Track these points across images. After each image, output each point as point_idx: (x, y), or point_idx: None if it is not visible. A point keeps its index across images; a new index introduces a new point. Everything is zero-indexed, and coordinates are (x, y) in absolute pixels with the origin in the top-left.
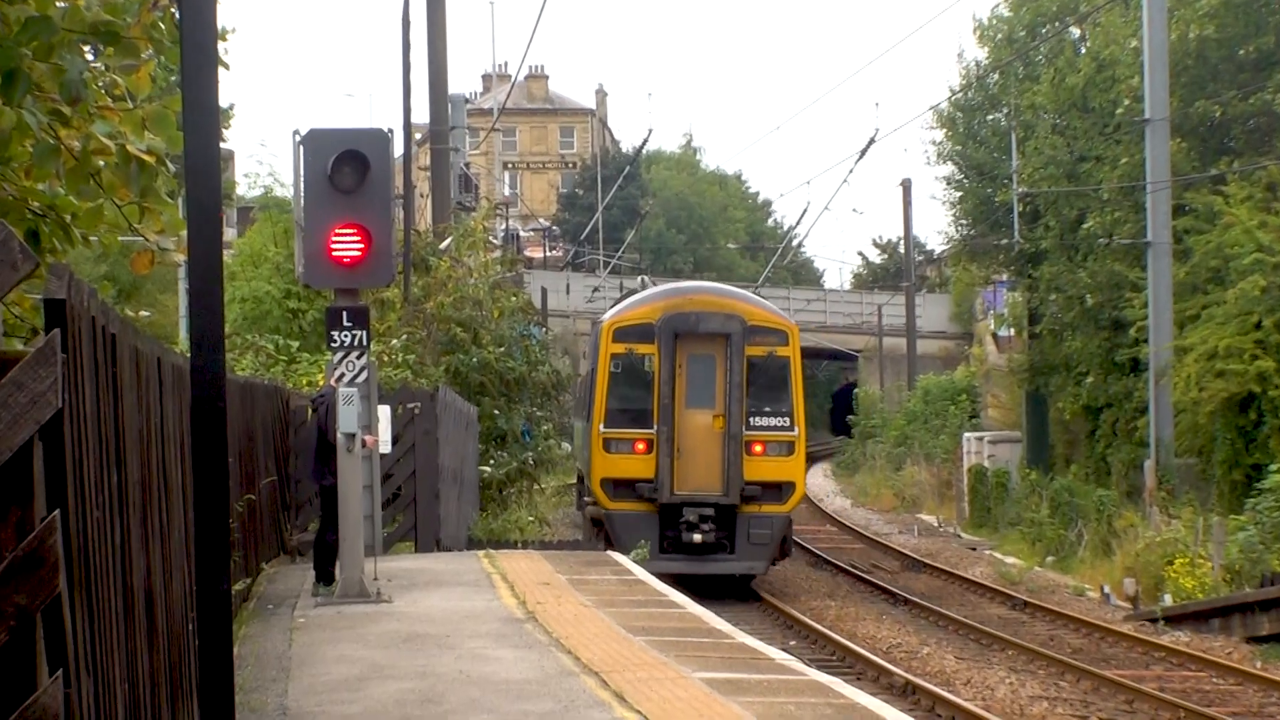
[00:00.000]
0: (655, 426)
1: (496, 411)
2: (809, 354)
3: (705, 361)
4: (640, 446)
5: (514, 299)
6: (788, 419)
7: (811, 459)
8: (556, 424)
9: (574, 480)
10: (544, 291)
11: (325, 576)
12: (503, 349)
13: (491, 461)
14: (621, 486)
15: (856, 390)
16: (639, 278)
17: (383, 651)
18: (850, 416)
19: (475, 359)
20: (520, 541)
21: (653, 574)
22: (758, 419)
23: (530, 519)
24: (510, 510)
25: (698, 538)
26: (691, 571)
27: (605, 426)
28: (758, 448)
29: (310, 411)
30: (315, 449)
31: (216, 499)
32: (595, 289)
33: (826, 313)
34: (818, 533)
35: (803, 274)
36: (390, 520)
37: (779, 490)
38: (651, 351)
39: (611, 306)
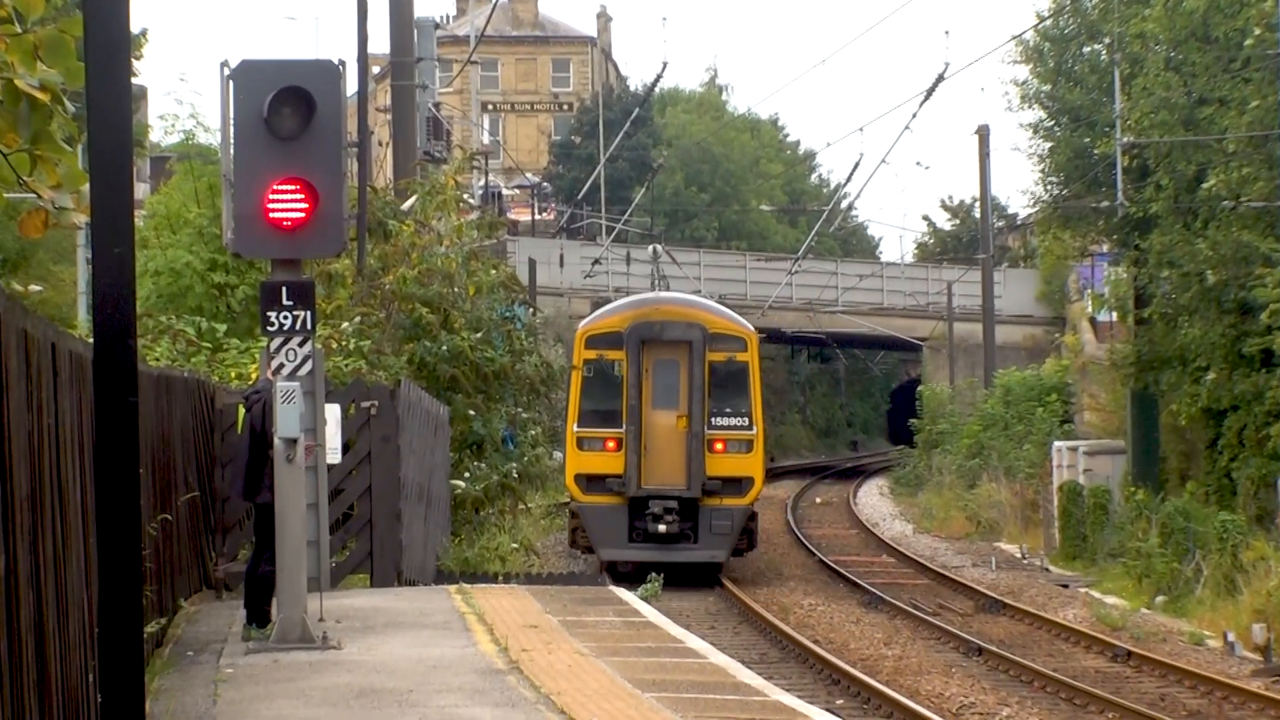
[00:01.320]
0: (624, 426)
1: (472, 412)
2: (860, 342)
3: (670, 366)
4: (610, 444)
5: (494, 273)
6: (747, 419)
7: (863, 473)
8: (547, 428)
9: (567, 499)
10: (532, 264)
11: (259, 616)
12: (480, 335)
13: (466, 475)
14: (594, 481)
15: (920, 388)
16: (650, 247)
17: (329, 711)
18: (912, 421)
19: (446, 347)
20: (501, 574)
21: (619, 562)
22: (718, 419)
23: (514, 546)
24: (489, 535)
25: (662, 528)
26: (657, 559)
27: (579, 426)
28: (719, 445)
29: (242, 411)
30: (249, 458)
31: (125, 519)
32: (596, 261)
33: (884, 291)
34: (871, 565)
35: (854, 243)
36: (340, 547)
37: (739, 484)
38: (620, 357)
39: (591, 314)
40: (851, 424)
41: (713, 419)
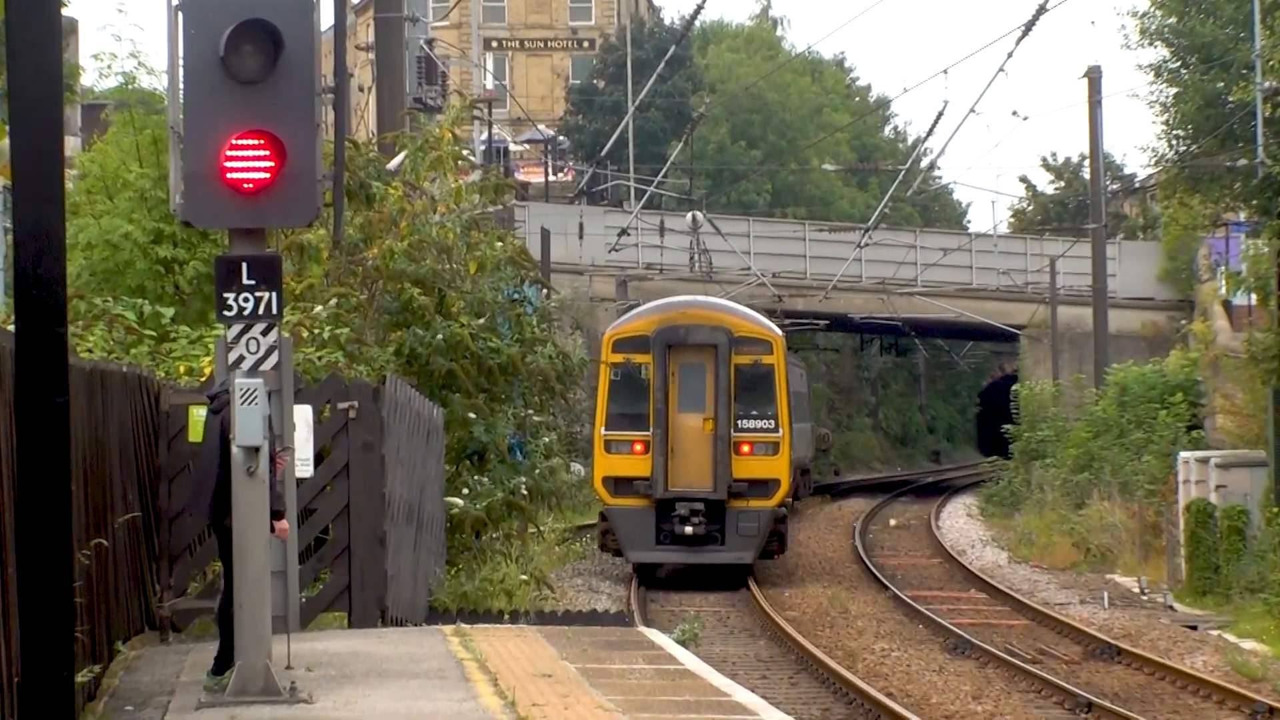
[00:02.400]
0: (651, 429)
1: (473, 415)
2: (944, 331)
3: (696, 369)
4: (638, 447)
5: (500, 246)
6: (773, 421)
7: (948, 489)
8: (563, 434)
9: (594, 517)
10: (545, 235)
11: (229, 662)
12: (483, 321)
13: (465, 491)
14: (621, 484)
15: (1016, 386)
16: (688, 215)
17: None
18: (1006, 427)
19: (441, 336)
20: (508, 612)
21: (648, 564)
22: (745, 421)
23: (523, 578)
24: (493, 565)
25: (689, 530)
26: (684, 561)
27: (606, 430)
28: (745, 448)
29: (195, 414)
30: (219, 472)
31: (52, 544)
32: (623, 232)
33: (973, 269)
34: (957, 601)
35: (937, 210)
36: (312, 579)
37: (765, 486)
38: (647, 360)
39: (619, 316)
40: (933, 430)
41: (739, 421)
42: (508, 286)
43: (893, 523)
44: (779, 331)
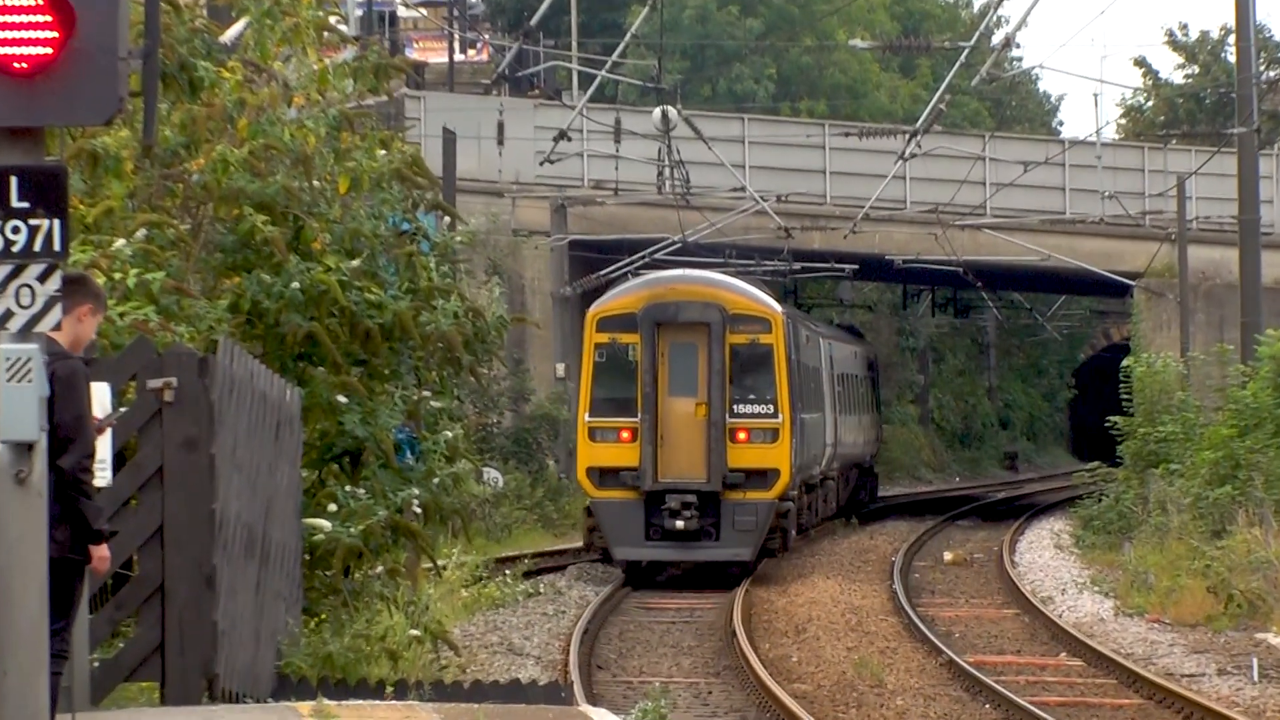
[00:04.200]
0: (639, 415)
1: (344, 399)
2: (1024, 280)
3: (687, 350)
4: (625, 435)
5: (384, 155)
6: (771, 406)
7: (1028, 509)
8: (473, 427)
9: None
10: (450, 138)
11: None
12: (358, 263)
13: (333, 509)
14: (607, 475)
15: (1128, 361)
16: (655, 111)
17: None
18: (1113, 420)
19: (297, 284)
20: (392, 683)
21: (638, 561)
22: (741, 406)
23: (414, 633)
24: (370, 615)
25: (680, 524)
26: (676, 559)
27: (590, 416)
28: (741, 435)
29: None
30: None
31: None
32: (562, 135)
33: (1065, 192)
34: (1041, 672)
35: (1014, 107)
36: (109, 635)
37: (764, 476)
38: (635, 341)
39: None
40: (1007, 424)
41: (734, 406)
42: (394, 213)
43: (947, 557)
44: (779, 308)
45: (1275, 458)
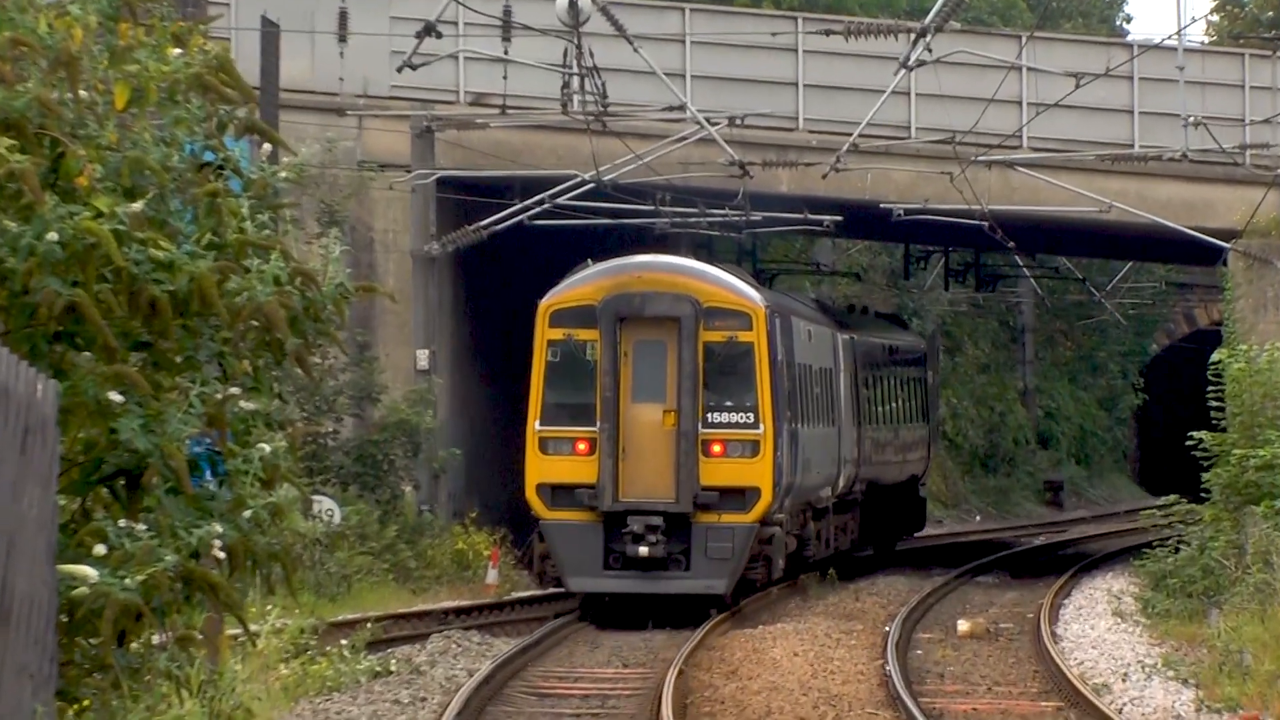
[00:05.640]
0: (598, 424)
1: (118, 397)
2: (1073, 240)
3: (654, 349)
4: (581, 447)
5: (179, 55)
6: (751, 415)
7: (1076, 561)
8: (297, 438)
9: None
10: (270, 32)
11: None
12: (141, 206)
13: (101, 550)
14: (560, 493)
15: (1219, 355)
16: None
17: None
18: (1198, 436)
19: (55, 234)
20: None
21: (595, 594)
22: (716, 415)
23: None
24: (154, 699)
25: (644, 550)
26: (640, 591)
27: (541, 424)
28: (716, 448)
29: None
30: None
31: None
32: (429, 28)
33: (1134, 116)
34: None
35: (1060, 2)
36: None
37: (741, 496)
38: (594, 338)
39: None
40: (1049, 439)
41: (708, 414)
42: (192, 139)
43: (963, 627)
44: (762, 300)
45: None
